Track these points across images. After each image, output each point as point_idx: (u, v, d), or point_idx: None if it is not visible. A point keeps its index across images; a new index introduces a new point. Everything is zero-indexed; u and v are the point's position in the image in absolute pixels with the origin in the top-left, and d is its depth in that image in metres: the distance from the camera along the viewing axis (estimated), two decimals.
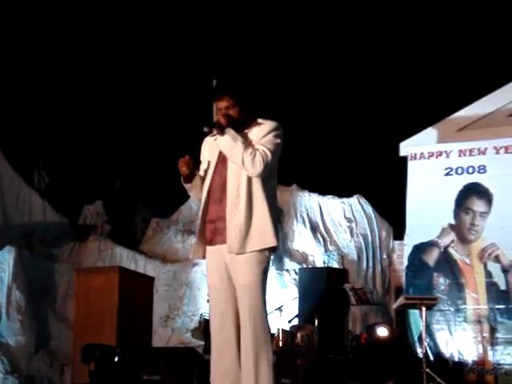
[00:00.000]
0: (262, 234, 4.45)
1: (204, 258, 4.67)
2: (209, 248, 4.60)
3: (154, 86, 12.83)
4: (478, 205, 9.58)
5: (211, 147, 4.65)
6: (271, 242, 4.47)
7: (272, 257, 4.62)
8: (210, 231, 4.57)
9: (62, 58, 12.53)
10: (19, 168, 10.87)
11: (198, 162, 4.76)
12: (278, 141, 4.53)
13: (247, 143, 4.46)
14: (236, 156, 4.42)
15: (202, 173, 4.69)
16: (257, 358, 4.41)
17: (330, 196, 11.23)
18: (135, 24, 12.89)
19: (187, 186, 4.69)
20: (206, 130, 4.56)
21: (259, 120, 4.60)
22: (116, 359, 7.06)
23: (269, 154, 4.44)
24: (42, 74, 12.23)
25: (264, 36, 12.78)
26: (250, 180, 4.46)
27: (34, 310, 9.66)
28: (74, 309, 8.57)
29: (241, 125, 4.54)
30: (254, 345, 4.41)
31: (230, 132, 4.45)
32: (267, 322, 4.50)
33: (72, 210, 11.53)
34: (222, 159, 4.57)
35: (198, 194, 4.70)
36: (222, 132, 4.46)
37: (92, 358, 6.92)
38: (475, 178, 9.63)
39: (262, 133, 4.52)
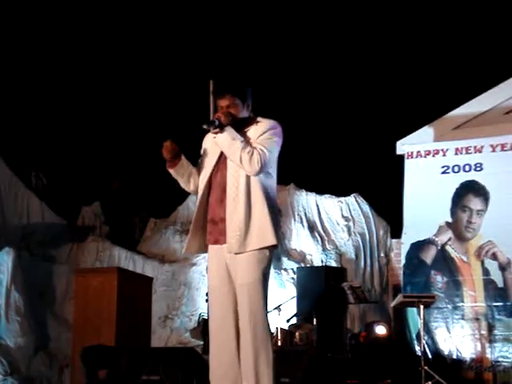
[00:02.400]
0: (262, 232, 4.43)
1: (198, 252, 4.67)
2: (211, 248, 4.60)
3: (150, 85, 12.83)
4: (474, 202, 9.58)
5: (213, 145, 4.63)
6: (271, 240, 4.44)
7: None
8: (213, 231, 4.56)
9: (58, 60, 12.52)
10: (17, 170, 10.86)
11: (197, 158, 4.76)
12: (276, 139, 4.53)
13: (246, 142, 4.46)
14: (234, 154, 4.42)
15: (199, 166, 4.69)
16: (256, 357, 4.39)
17: (327, 195, 11.25)
18: (131, 24, 12.87)
19: (171, 172, 4.66)
20: (205, 127, 4.56)
21: (259, 118, 4.60)
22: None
23: (266, 153, 4.43)
24: (38, 76, 12.22)
25: (262, 35, 12.78)
26: (248, 179, 4.46)
27: (33, 311, 9.67)
28: (73, 310, 8.59)
29: (241, 123, 4.54)
30: (253, 345, 4.40)
31: (229, 130, 4.44)
32: (267, 321, 4.48)
33: (70, 211, 11.52)
34: (223, 158, 4.56)
35: (185, 184, 4.69)
36: (221, 129, 4.46)
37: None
38: (472, 175, 9.63)
39: (260, 131, 4.52)
